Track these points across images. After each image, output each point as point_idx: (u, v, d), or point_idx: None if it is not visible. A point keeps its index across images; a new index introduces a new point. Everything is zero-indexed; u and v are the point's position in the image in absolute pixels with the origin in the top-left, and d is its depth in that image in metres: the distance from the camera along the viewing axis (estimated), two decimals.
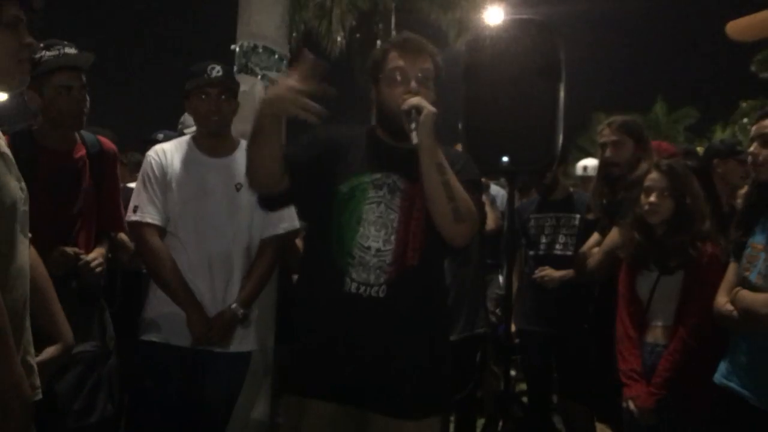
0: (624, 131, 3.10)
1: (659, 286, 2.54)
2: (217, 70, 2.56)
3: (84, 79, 2.39)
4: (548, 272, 3.35)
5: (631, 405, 2.46)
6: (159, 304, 2.54)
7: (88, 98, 2.40)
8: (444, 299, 2.07)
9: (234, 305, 2.54)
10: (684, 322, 2.43)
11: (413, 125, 1.80)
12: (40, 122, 2.41)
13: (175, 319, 2.49)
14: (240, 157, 2.62)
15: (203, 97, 2.55)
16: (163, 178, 2.56)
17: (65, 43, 2.36)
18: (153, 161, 2.59)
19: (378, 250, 1.88)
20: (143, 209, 2.54)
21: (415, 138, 1.79)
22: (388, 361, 1.87)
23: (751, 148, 2.24)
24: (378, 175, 1.93)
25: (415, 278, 1.89)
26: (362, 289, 1.87)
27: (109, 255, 2.62)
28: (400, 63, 1.93)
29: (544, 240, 3.52)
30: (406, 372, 1.89)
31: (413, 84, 1.90)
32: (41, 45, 2.30)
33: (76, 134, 2.49)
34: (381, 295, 1.87)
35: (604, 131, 3.17)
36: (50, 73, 2.31)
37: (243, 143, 2.65)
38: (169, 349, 2.50)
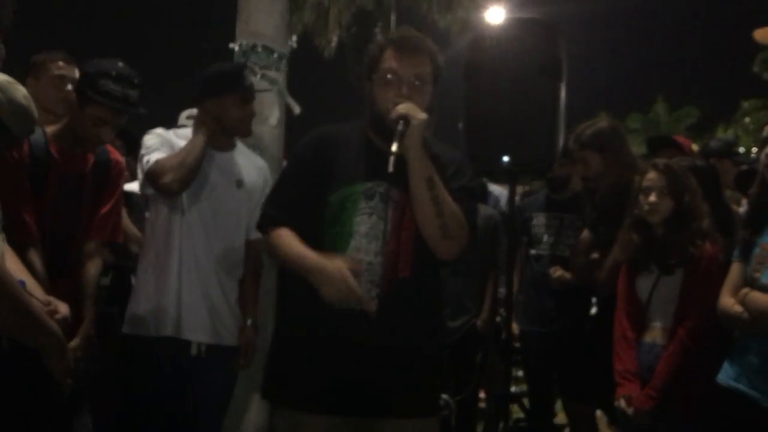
0: (586, 148, 3.05)
1: (659, 287, 2.53)
2: (248, 76, 2.58)
3: (123, 119, 2.41)
4: (562, 273, 3.27)
5: (623, 404, 2.46)
6: (142, 297, 2.52)
7: (113, 133, 2.45)
8: (438, 310, 2.01)
9: (250, 321, 2.60)
10: (683, 324, 2.42)
11: (397, 136, 1.76)
12: (49, 120, 2.41)
13: (163, 313, 2.48)
14: (238, 155, 2.65)
15: (241, 103, 2.55)
16: (173, 149, 2.52)
17: (134, 81, 2.37)
18: (162, 134, 2.57)
19: (369, 263, 1.85)
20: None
21: (394, 147, 1.74)
22: (382, 373, 1.83)
23: (766, 150, 2.21)
24: (369, 185, 1.87)
25: (407, 290, 1.85)
26: (354, 303, 1.82)
27: (111, 257, 2.63)
28: (394, 64, 1.86)
29: (547, 239, 3.48)
30: (400, 380, 1.86)
31: (404, 90, 1.85)
32: (112, 73, 2.31)
33: None
34: (374, 308, 1.83)
35: (575, 146, 3.12)
36: (98, 102, 2.32)
37: (239, 144, 2.68)
38: (168, 342, 2.48)
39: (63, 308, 1.76)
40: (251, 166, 2.68)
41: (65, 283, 2.30)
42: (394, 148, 1.74)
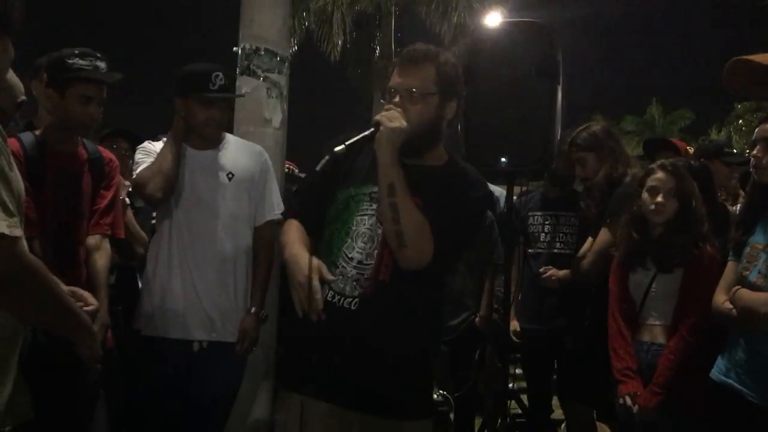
0: (581, 149, 3.17)
1: (656, 285, 2.56)
2: (221, 79, 2.55)
3: (105, 93, 2.42)
4: (553, 272, 3.32)
5: (628, 401, 2.48)
6: (154, 298, 2.57)
7: (101, 111, 2.44)
8: (426, 316, 1.98)
9: (254, 309, 2.62)
10: (684, 322, 2.46)
11: (355, 139, 1.79)
12: (43, 119, 2.44)
13: (171, 312, 2.53)
14: (226, 149, 2.67)
15: (205, 105, 2.56)
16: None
17: (98, 55, 2.39)
18: (143, 146, 2.64)
19: (360, 262, 1.88)
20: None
21: (338, 147, 1.76)
22: (359, 370, 1.86)
23: (754, 151, 2.27)
24: (376, 189, 1.89)
25: (386, 294, 1.86)
26: (337, 298, 1.87)
27: (116, 257, 2.67)
28: (395, 80, 1.91)
29: (543, 238, 3.53)
30: (378, 381, 1.87)
31: (396, 99, 1.88)
32: (75, 51, 2.35)
33: (80, 138, 2.53)
34: (353, 307, 1.86)
35: (571, 150, 3.21)
36: (77, 80, 2.34)
37: (229, 137, 2.71)
38: (168, 342, 2.54)
39: (91, 299, 1.80)
40: (243, 155, 2.69)
41: (73, 275, 2.34)
42: (337, 148, 1.77)
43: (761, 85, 1.65)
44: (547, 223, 3.54)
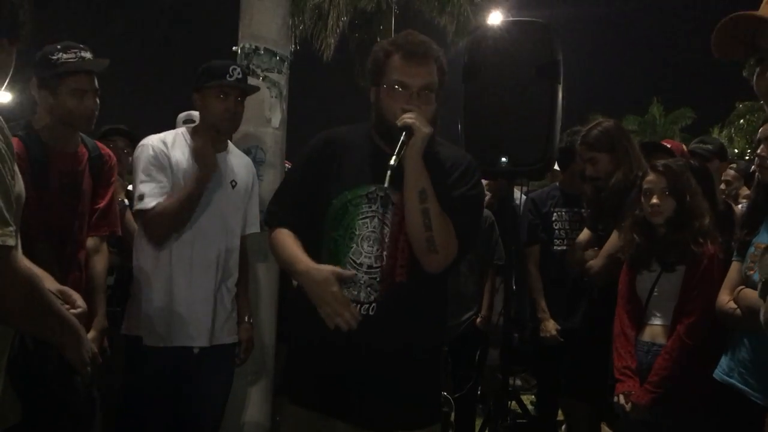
0: (594, 149, 3.06)
1: (659, 285, 2.56)
2: (238, 72, 2.57)
3: (97, 83, 2.41)
4: None
5: (622, 400, 2.49)
6: (145, 302, 2.54)
7: (98, 102, 2.43)
8: (439, 313, 1.99)
9: (247, 317, 2.70)
10: (682, 321, 2.46)
11: (397, 148, 1.75)
12: (41, 119, 2.43)
13: (177, 319, 2.51)
14: (231, 155, 2.68)
15: (222, 96, 2.55)
16: (167, 168, 2.54)
17: (81, 46, 2.38)
18: (154, 149, 2.54)
19: (369, 266, 1.85)
20: (152, 196, 2.48)
21: (393, 161, 1.73)
22: (376, 378, 1.83)
23: (759, 150, 2.27)
24: (372, 188, 1.87)
25: (404, 295, 1.84)
26: (352, 306, 1.81)
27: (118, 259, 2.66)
28: (403, 76, 1.84)
29: (572, 235, 3.40)
30: (394, 390, 1.85)
31: (413, 100, 1.83)
32: (57, 47, 2.33)
33: (80, 136, 2.52)
34: (371, 313, 1.83)
35: (581, 148, 3.13)
36: (66, 75, 2.32)
37: (230, 146, 2.71)
38: (171, 349, 2.52)
39: (80, 301, 1.79)
40: (241, 165, 2.70)
41: (73, 277, 2.34)
42: (392, 161, 1.73)
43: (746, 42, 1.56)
44: (575, 219, 3.45)
